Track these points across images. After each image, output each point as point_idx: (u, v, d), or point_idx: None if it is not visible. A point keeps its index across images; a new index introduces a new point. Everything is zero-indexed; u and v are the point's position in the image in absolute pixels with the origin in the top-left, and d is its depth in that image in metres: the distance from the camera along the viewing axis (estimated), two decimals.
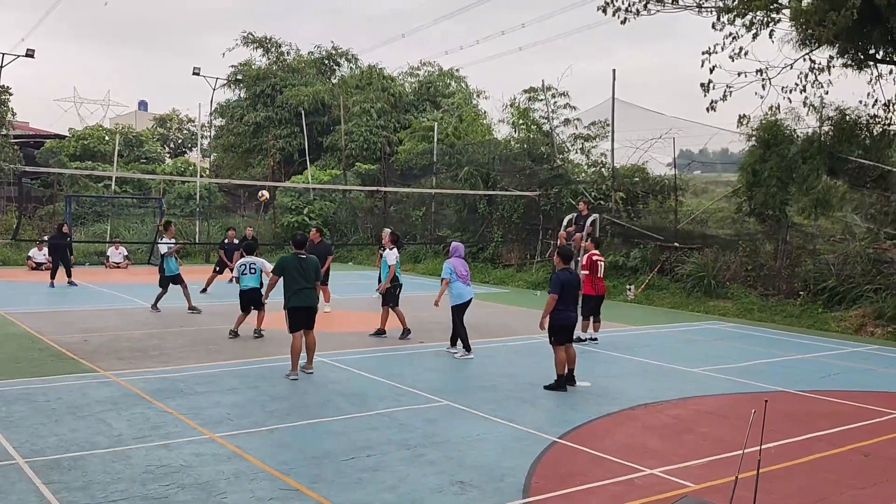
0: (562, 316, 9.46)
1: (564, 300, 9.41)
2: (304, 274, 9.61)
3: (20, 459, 6.35)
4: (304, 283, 9.59)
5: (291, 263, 9.64)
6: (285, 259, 9.77)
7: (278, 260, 9.90)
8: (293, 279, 9.56)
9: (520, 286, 22.13)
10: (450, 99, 36.41)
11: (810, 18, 15.01)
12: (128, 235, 29.32)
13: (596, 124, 24.96)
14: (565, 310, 9.47)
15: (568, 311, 9.52)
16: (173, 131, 57.31)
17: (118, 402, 8.31)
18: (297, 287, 9.55)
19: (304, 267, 9.65)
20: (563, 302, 9.40)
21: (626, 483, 6.24)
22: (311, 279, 9.68)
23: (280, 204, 31.33)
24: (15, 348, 11.19)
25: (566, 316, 9.51)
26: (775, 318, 16.43)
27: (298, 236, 10.14)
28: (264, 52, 40.85)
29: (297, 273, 9.57)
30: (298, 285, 9.55)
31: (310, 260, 9.80)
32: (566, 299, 9.44)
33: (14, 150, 29.78)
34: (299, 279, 9.56)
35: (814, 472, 6.72)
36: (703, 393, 9.59)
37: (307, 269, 9.66)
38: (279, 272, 9.68)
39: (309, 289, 9.65)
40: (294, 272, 9.57)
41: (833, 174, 17.40)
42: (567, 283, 9.45)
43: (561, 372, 9.52)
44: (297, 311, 9.58)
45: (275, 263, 9.97)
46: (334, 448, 6.89)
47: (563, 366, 9.53)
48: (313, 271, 9.74)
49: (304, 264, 9.67)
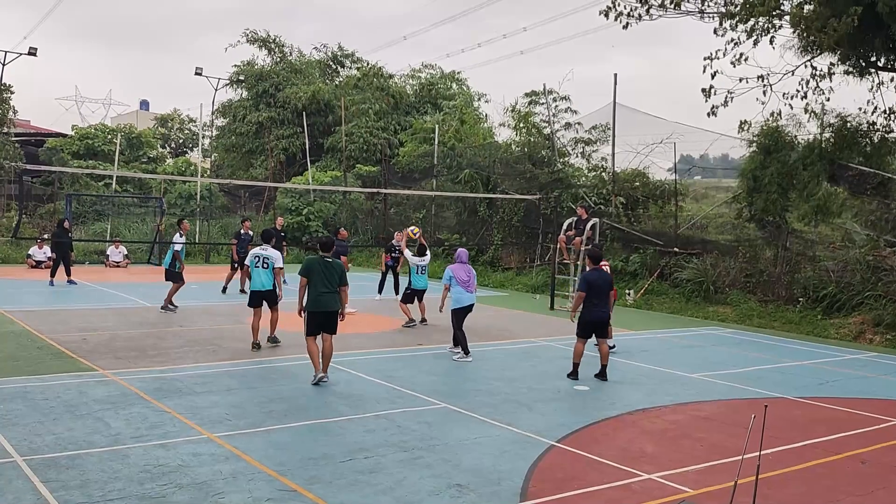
0: (589, 312, 10.20)
1: (592, 298, 10.16)
2: (329, 278, 9.44)
3: (18, 457, 6.35)
4: (327, 288, 9.41)
5: (317, 266, 9.48)
6: (311, 261, 9.61)
7: (304, 262, 9.72)
8: (316, 282, 9.39)
9: (519, 289, 22.13)
10: (451, 101, 36.42)
11: (811, 25, 15.03)
12: (128, 235, 29.34)
13: (597, 128, 24.97)
14: (593, 306, 10.20)
15: (597, 309, 10.24)
16: (174, 131, 57.33)
17: (116, 401, 8.31)
18: (319, 291, 9.38)
19: (329, 271, 9.48)
20: (592, 299, 10.16)
21: (624, 488, 6.24)
22: (334, 283, 9.48)
23: (280, 205, 31.35)
24: (13, 346, 11.19)
25: (594, 312, 10.23)
26: (774, 324, 16.43)
27: (325, 238, 9.94)
28: (268, 52, 40.86)
29: (321, 276, 9.41)
30: (320, 289, 9.38)
31: (335, 264, 9.59)
32: (594, 297, 10.18)
33: (15, 148, 29.81)
34: (322, 283, 9.40)
35: (811, 478, 6.72)
36: (702, 398, 9.59)
37: (332, 273, 9.48)
38: (305, 274, 9.48)
39: (330, 293, 9.45)
40: (318, 275, 9.40)
41: (833, 181, 17.42)
42: (594, 281, 10.23)
43: (577, 361, 10.32)
44: (315, 315, 9.42)
45: (301, 265, 9.75)
46: (332, 449, 6.89)
47: (580, 356, 10.31)
48: (338, 276, 9.53)
49: (329, 268, 9.50)
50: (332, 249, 9.78)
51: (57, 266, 19.76)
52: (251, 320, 11.66)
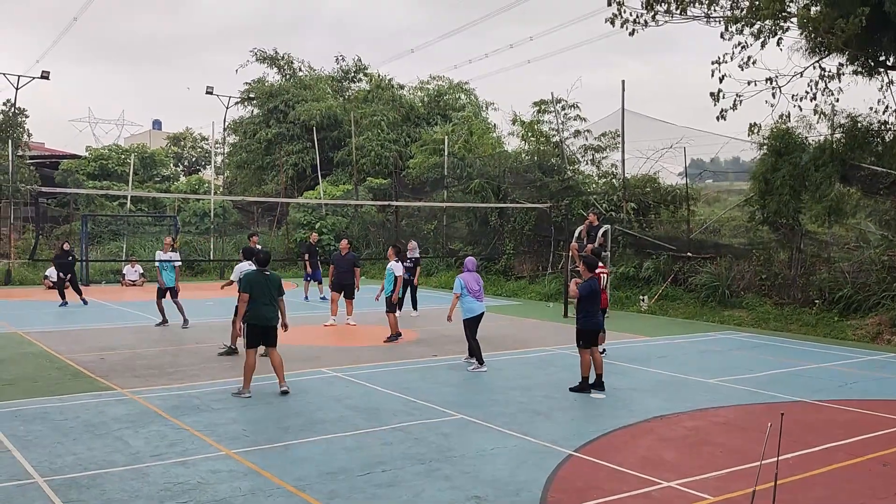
0: (590, 320, 10.06)
1: (591, 305, 10.04)
2: (268, 291, 9.69)
3: (39, 478, 6.40)
4: (266, 301, 9.66)
5: (256, 280, 9.72)
6: (250, 275, 9.87)
7: (244, 277, 9.96)
8: (257, 296, 9.62)
9: (532, 298, 22.10)
10: (460, 112, 36.53)
11: (819, 26, 14.99)
12: (143, 253, 29.56)
13: (606, 135, 24.99)
14: (594, 315, 10.09)
15: (598, 317, 10.21)
16: (187, 149, 57.77)
17: (135, 419, 8.37)
18: (260, 304, 9.63)
19: (268, 285, 9.73)
20: (591, 307, 10.03)
21: (644, 496, 6.22)
22: (273, 296, 9.74)
23: (293, 219, 31.50)
24: (32, 367, 11.29)
25: (596, 320, 10.15)
26: (791, 327, 16.33)
27: (262, 254, 10.15)
28: (278, 70, 41.16)
29: (262, 290, 9.65)
30: (260, 302, 9.62)
31: (273, 277, 9.88)
32: (593, 304, 10.07)
33: (30, 170, 30.14)
34: (262, 296, 9.64)
35: (832, 482, 6.67)
36: (720, 404, 9.54)
37: (270, 286, 9.74)
38: (247, 289, 9.69)
39: (270, 306, 9.70)
40: (259, 289, 9.64)
41: (846, 181, 17.32)
42: (595, 289, 10.11)
43: (585, 374, 9.98)
44: (254, 328, 9.67)
45: (242, 281, 9.94)
46: (349, 463, 6.91)
47: (588, 368, 9.98)
48: (276, 288, 9.80)
49: (268, 281, 9.75)
50: (268, 264, 9.98)
51: (63, 286, 19.52)
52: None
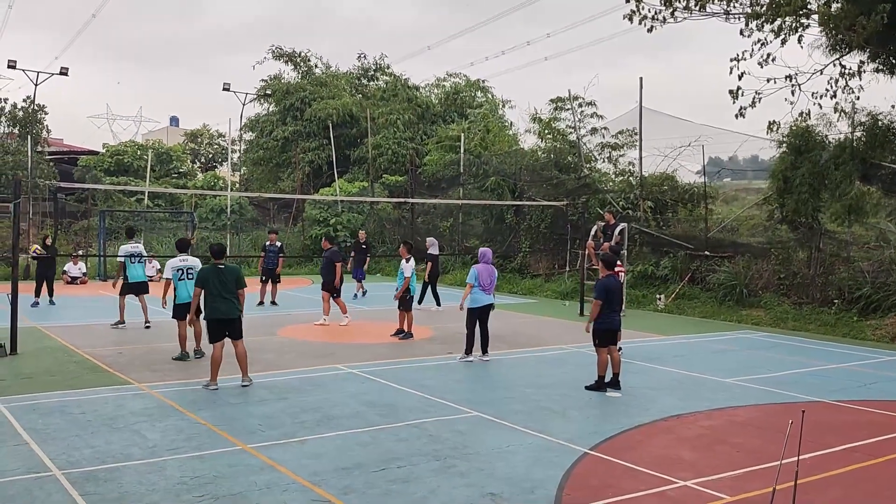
0: (606, 320, 9.91)
1: (609, 305, 9.91)
2: (223, 285, 9.65)
3: (56, 471, 6.45)
4: (222, 295, 9.62)
5: (211, 275, 9.70)
6: (205, 270, 9.86)
7: (199, 272, 9.93)
8: (211, 291, 9.62)
9: (548, 296, 22.04)
10: (477, 109, 36.47)
11: (840, 23, 14.82)
12: (160, 249, 29.73)
13: (623, 133, 24.85)
14: (610, 314, 9.95)
15: (612, 315, 10.02)
16: (204, 146, 58.10)
17: (152, 413, 8.43)
18: (215, 298, 9.61)
19: (222, 278, 9.68)
20: (608, 307, 9.89)
21: (659, 495, 6.18)
22: (230, 290, 9.68)
23: (309, 216, 31.60)
24: (50, 361, 11.40)
25: (611, 319, 9.99)
26: (809, 326, 16.18)
27: (215, 246, 10.10)
28: (294, 67, 41.27)
29: (216, 285, 9.62)
30: (216, 297, 9.61)
31: (228, 270, 9.81)
32: (611, 304, 9.94)
33: (49, 166, 30.42)
34: (217, 290, 9.61)
35: (852, 483, 6.60)
36: (737, 403, 9.46)
37: (226, 279, 9.69)
38: (201, 284, 9.69)
39: (226, 300, 9.65)
40: (212, 284, 9.62)
41: (866, 180, 17.13)
42: (611, 288, 9.98)
43: (602, 373, 9.93)
44: (214, 322, 9.68)
45: (196, 276, 9.91)
46: (365, 459, 6.92)
47: (605, 367, 9.93)
48: (233, 281, 9.73)
49: (222, 275, 9.70)
50: (223, 256, 9.93)
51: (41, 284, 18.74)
52: (181, 332, 11.59)
